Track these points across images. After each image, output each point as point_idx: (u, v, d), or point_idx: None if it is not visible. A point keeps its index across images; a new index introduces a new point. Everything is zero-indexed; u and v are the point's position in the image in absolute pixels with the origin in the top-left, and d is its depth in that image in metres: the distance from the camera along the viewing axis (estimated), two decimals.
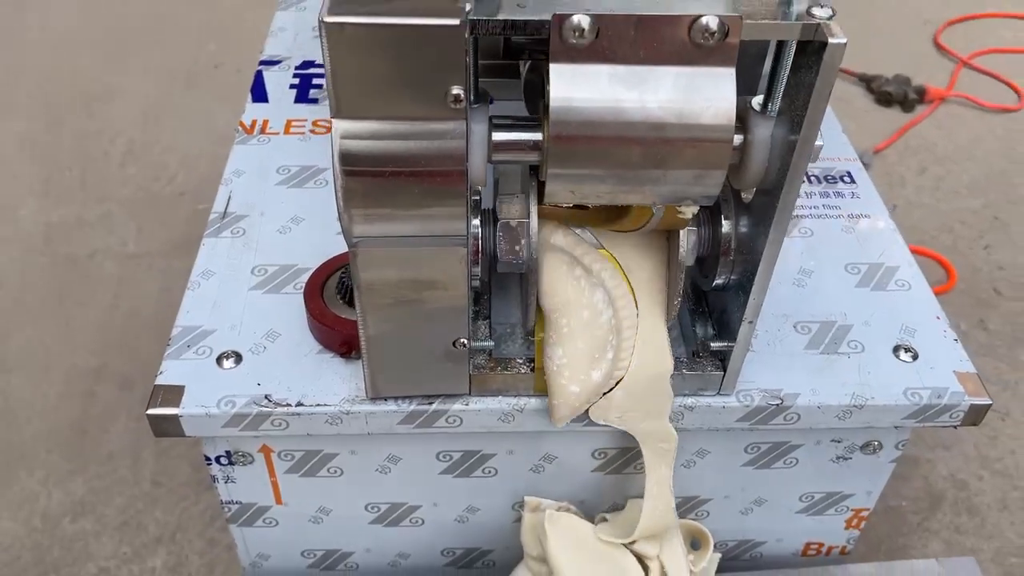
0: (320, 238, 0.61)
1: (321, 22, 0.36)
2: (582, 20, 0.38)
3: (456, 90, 0.38)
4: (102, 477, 1.00)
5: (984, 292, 1.31)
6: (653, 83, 0.39)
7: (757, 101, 0.45)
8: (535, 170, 0.47)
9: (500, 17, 0.39)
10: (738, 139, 0.44)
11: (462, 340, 0.48)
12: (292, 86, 0.74)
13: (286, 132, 0.69)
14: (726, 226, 0.50)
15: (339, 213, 0.42)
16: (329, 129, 0.38)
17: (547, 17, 0.38)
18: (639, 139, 0.40)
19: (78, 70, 1.68)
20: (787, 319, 0.57)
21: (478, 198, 0.49)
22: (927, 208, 1.45)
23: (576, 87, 0.39)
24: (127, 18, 1.85)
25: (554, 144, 0.41)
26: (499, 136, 0.44)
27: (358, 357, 0.53)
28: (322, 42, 0.37)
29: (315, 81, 0.75)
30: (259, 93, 0.73)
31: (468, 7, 0.38)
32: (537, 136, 0.44)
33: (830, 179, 0.68)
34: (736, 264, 0.50)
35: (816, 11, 0.39)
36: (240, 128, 0.69)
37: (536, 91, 0.50)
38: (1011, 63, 1.73)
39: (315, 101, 0.72)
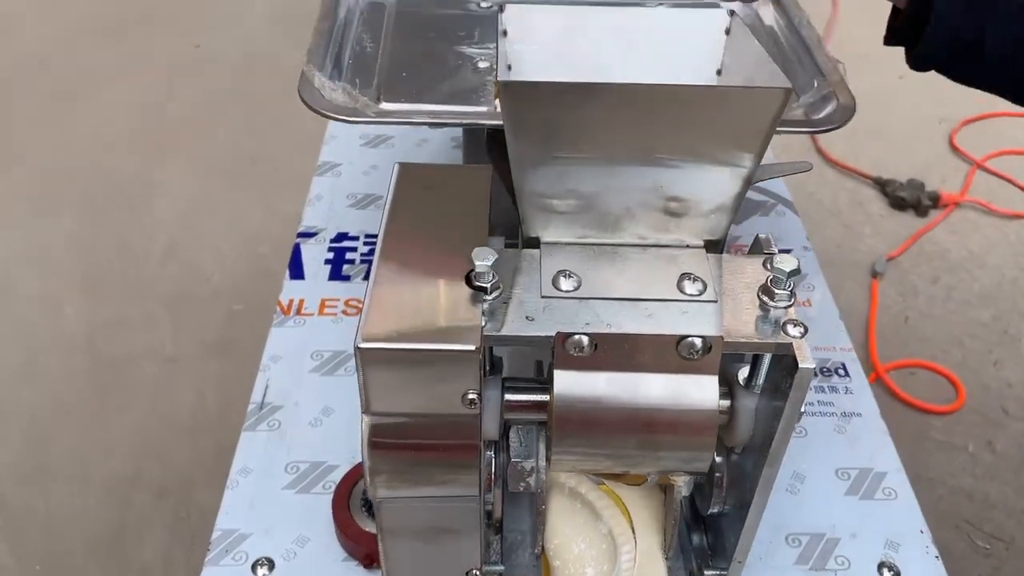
0: (347, 431, 0.66)
1: (356, 348, 0.42)
2: (582, 339, 0.43)
3: (472, 395, 0.44)
4: None
5: (992, 411, 1.34)
6: (645, 387, 0.44)
7: (743, 375, 0.49)
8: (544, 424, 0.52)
9: (511, 333, 0.44)
10: (725, 404, 0.49)
11: (475, 571, 0.53)
12: (327, 261, 0.80)
13: (320, 312, 0.75)
14: (719, 463, 0.54)
15: (366, 481, 0.47)
16: (359, 310, 0.43)
17: (551, 334, 0.43)
18: (633, 431, 0.45)
19: (121, 167, 1.75)
20: (780, 530, 0.61)
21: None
22: (938, 320, 1.48)
23: (577, 390, 0.44)
24: (169, 115, 1.93)
25: (558, 430, 0.46)
26: (511, 397, 0.49)
27: (379, 568, 0.58)
28: (357, 364, 0.42)
29: (347, 256, 0.80)
30: (296, 270, 0.79)
31: (484, 322, 0.44)
32: (544, 397, 0.49)
33: (825, 372, 0.72)
34: (729, 497, 0.54)
35: (790, 328, 0.44)
36: (279, 308, 0.75)
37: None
38: None
39: (347, 278, 0.78)
